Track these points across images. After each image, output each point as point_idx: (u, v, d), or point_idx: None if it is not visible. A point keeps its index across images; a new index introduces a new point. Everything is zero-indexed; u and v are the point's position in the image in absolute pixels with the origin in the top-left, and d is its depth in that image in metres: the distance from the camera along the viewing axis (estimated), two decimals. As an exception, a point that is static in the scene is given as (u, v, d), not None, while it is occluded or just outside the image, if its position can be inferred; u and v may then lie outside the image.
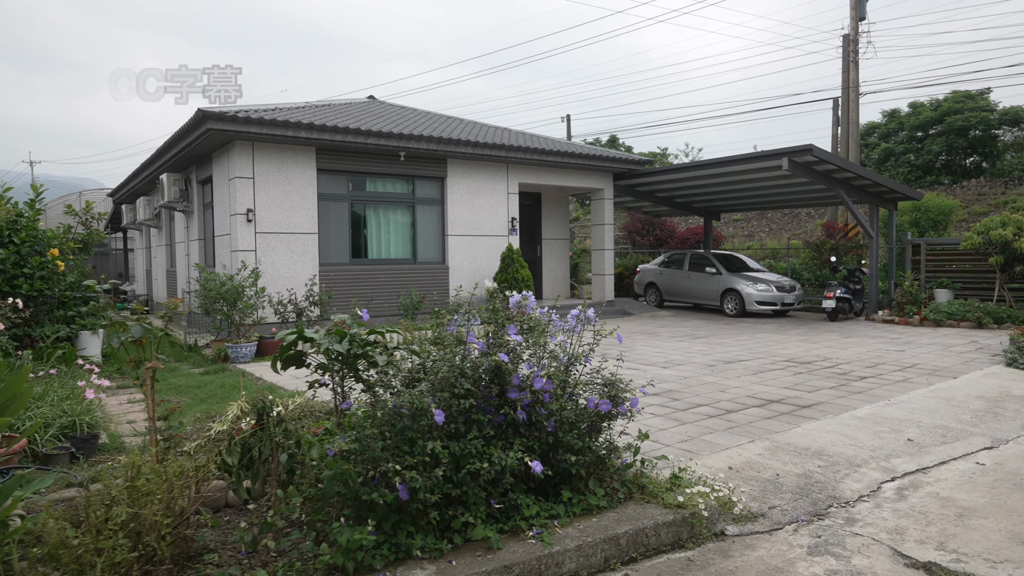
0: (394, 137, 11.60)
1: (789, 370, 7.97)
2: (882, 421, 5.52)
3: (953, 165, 28.01)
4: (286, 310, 10.09)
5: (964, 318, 12.17)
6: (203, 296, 9.36)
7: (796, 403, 6.22)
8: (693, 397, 6.52)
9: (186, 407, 6.50)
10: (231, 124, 10.02)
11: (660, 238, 23.33)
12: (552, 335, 3.99)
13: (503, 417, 3.31)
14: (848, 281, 14.17)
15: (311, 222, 11.30)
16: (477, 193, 13.32)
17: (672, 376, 7.63)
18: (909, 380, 7.26)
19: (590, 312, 4.11)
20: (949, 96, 28.15)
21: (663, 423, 5.56)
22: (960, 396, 6.41)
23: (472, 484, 3.11)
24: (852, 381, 7.23)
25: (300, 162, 11.15)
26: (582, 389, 3.78)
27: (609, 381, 3.75)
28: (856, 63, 19.64)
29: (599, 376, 3.94)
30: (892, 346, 9.87)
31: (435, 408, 2.96)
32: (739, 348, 9.86)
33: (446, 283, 12.90)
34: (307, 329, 3.47)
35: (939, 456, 4.66)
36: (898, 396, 6.43)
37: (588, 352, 3.85)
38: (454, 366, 3.12)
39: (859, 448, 4.82)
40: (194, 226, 13.15)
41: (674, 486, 3.74)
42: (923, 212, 17.19)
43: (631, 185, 16.04)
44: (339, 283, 11.60)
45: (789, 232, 29.11)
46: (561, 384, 3.69)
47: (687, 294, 16.23)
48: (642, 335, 11.62)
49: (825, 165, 12.50)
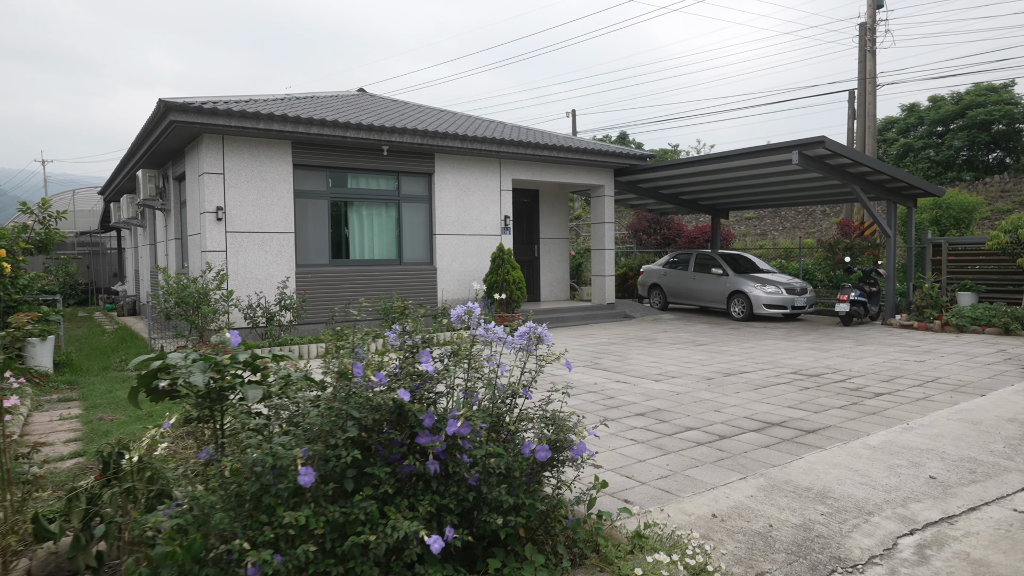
0: (375, 130, 10.91)
1: (795, 384, 7.18)
2: (899, 451, 4.74)
3: (975, 161, 26.89)
4: (255, 315, 9.45)
5: (989, 323, 11.28)
6: (159, 299, 8.73)
7: (800, 427, 5.45)
8: (683, 418, 5.76)
9: (118, 425, 5.86)
10: (197, 116, 9.38)
11: (668, 237, 22.48)
12: (493, 359, 3.27)
13: (410, 468, 2.59)
14: (863, 283, 13.30)
15: (287, 221, 10.65)
16: (467, 190, 12.61)
17: (664, 391, 6.87)
18: (930, 398, 6.45)
19: (542, 328, 3.39)
20: (971, 89, 27.03)
21: (643, 452, 4.81)
22: (990, 419, 5.61)
23: (362, 559, 2.40)
24: (865, 399, 6.43)
25: (275, 157, 10.50)
26: (526, 428, 3.06)
27: (554, 419, 3.01)
28: (873, 53, 18.69)
29: (550, 409, 3.21)
30: (911, 355, 9.04)
31: (302, 464, 2.25)
32: (742, 357, 9.07)
33: (434, 285, 12.21)
34: (173, 354, 2.78)
35: (968, 499, 3.88)
36: (918, 418, 5.63)
37: (530, 381, 3.12)
38: (332, 409, 2.40)
39: (871, 488, 4.05)
40: (171, 225, 12.56)
41: (637, 548, 3.01)
42: (944, 209, 16.23)
43: (633, 181, 15.24)
44: (318, 285, 10.94)
45: (804, 231, 28.13)
46: (495, 424, 2.97)
47: (692, 296, 15.41)
48: (640, 342, 10.84)
49: (838, 159, 11.65)
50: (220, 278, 9.10)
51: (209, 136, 9.90)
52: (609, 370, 8.15)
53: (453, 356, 2.85)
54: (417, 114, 13.44)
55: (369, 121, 10.90)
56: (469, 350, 2.91)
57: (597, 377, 7.68)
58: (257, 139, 10.29)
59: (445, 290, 12.32)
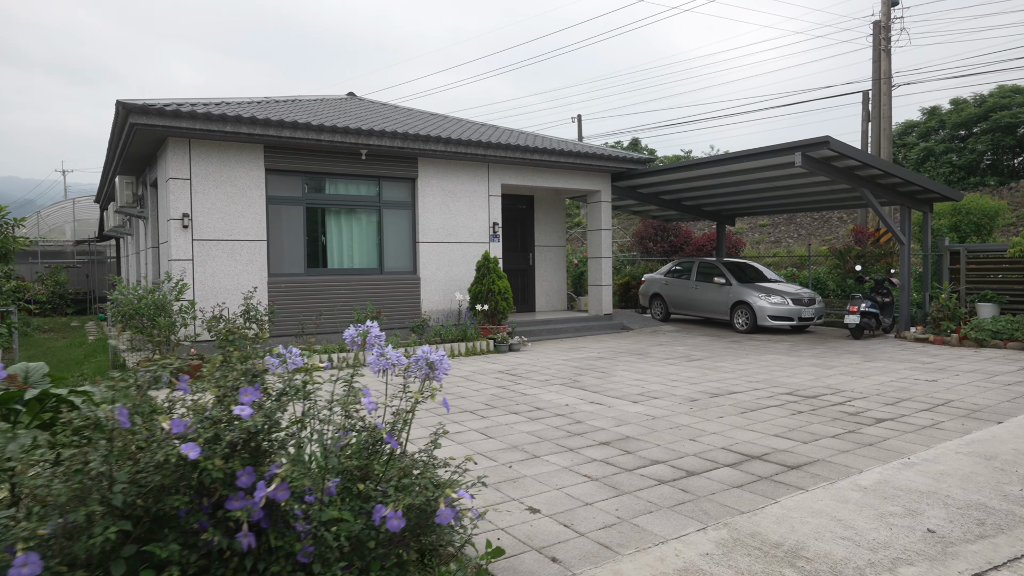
0: (351, 133, 10.40)
1: (788, 407, 6.47)
2: (894, 494, 4.04)
3: (1000, 165, 25.81)
4: (218, 328, 8.92)
5: (1012, 337, 10.43)
6: (114, 311, 8.25)
7: (783, 461, 4.76)
8: (652, 449, 5.10)
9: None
10: (158, 119, 8.93)
11: (675, 245, 21.72)
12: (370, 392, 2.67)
13: (211, 543, 1.99)
14: (875, 293, 12.49)
15: (258, 228, 10.15)
16: (453, 195, 12.04)
17: (639, 416, 6.20)
18: (939, 425, 5.71)
19: (437, 355, 2.79)
20: (994, 91, 26.02)
21: (594, 492, 4.16)
22: (1006, 452, 4.87)
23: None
24: (864, 426, 5.71)
25: (245, 161, 10.02)
26: (395, 487, 2.45)
27: (423, 473, 2.39)
28: (888, 52, 17.88)
29: (440, 457, 2.60)
30: (922, 373, 8.26)
31: (23, 551, 1.66)
32: (736, 375, 8.36)
33: (417, 295, 11.64)
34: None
35: (972, 562, 3.18)
36: (921, 451, 4.91)
37: (401, 425, 2.50)
38: (80, 473, 1.81)
39: (855, 545, 3.36)
40: (150, 232, 12.15)
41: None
42: (964, 215, 15.33)
43: (632, 186, 14.58)
44: (292, 296, 10.42)
45: (819, 238, 27.20)
46: (363, 476, 2.36)
47: (695, 307, 14.67)
48: (630, 356, 10.16)
49: (846, 160, 10.90)
50: (179, 288, 8.61)
51: (174, 140, 9.44)
52: (587, 389, 7.49)
53: (285, 394, 2.24)
54: (404, 118, 12.94)
55: (345, 124, 10.39)
56: (303, 386, 2.29)
57: (571, 397, 7.03)
58: (226, 143, 9.82)
59: (430, 300, 11.74)
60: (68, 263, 21.89)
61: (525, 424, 5.89)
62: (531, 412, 6.36)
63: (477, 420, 6.06)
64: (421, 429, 5.55)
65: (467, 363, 9.65)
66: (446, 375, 2.95)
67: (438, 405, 6.57)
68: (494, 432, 5.62)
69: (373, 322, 2.98)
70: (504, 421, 6.01)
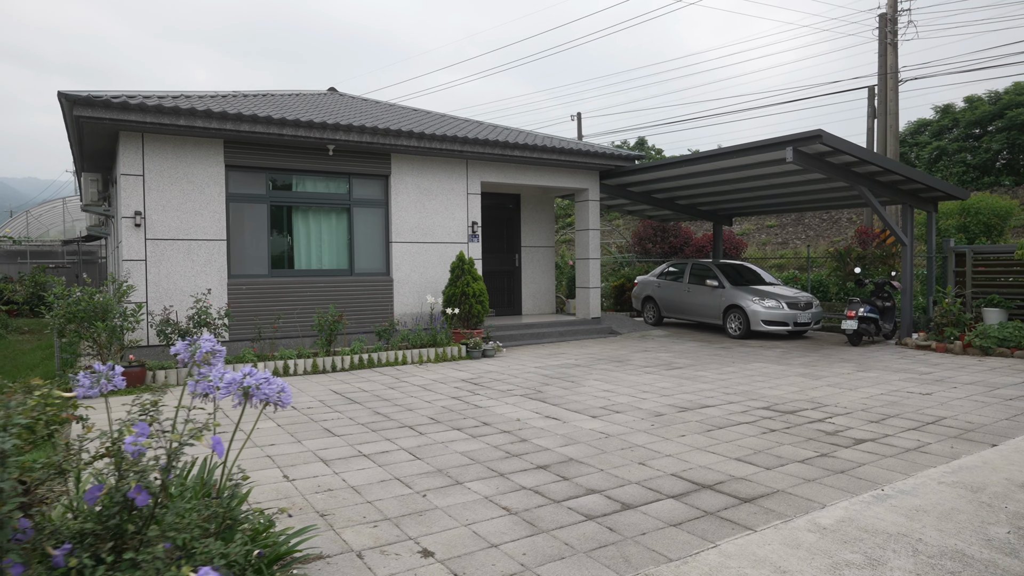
0: (316, 127, 9.90)
1: (760, 425, 5.86)
2: (857, 537, 3.44)
3: (1016, 164, 24.85)
4: (168, 332, 8.46)
5: (1019, 345, 9.72)
6: (52, 315, 7.79)
7: (737, 492, 4.16)
8: (593, 475, 4.52)
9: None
10: (105, 111, 8.48)
11: (675, 246, 21.06)
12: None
13: None
14: (876, 297, 11.79)
15: (218, 227, 9.67)
16: (429, 193, 11.51)
17: (592, 433, 5.62)
18: (924, 448, 5.09)
19: (259, 376, 2.24)
20: (1010, 88, 25.08)
21: (506, 529, 3.59)
22: (996, 483, 4.24)
23: None
24: (840, 448, 5.10)
25: (204, 157, 9.55)
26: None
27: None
28: (895, 45, 17.15)
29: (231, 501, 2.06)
30: (917, 386, 7.60)
31: None
32: (714, 386, 7.75)
33: (390, 298, 11.12)
34: None
35: (936, 634, 2.58)
36: (899, 481, 4.29)
37: (146, 473, 1.97)
38: None
39: (795, 607, 2.77)
40: (113, 231, 11.73)
41: None
42: (973, 215, 14.55)
43: (622, 184, 13.97)
44: (254, 299, 9.93)
45: (828, 239, 26.36)
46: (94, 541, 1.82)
47: (687, 310, 14.04)
48: (607, 364, 9.56)
49: (841, 156, 10.23)
50: (123, 290, 8.15)
51: (126, 134, 8.99)
52: (548, 401, 6.92)
53: None
54: (381, 113, 12.43)
55: (309, 118, 9.89)
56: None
57: (527, 411, 6.46)
58: (182, 137, 9.35)
59: (403, 303, 11.22)
60: (58, 263, 21.63)
61: (463, 443, 5.33)
62: (476, 428, 5.80)
63: (412, 438, 5.51)
64: (347, 447, 5.02)
65: (433, 370, 9.11)
66: (291, 405, 2.41)
67: (400, 410, 6.03)
68: (425, 452, 5.07)
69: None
70: (442, 439, 5.46)
